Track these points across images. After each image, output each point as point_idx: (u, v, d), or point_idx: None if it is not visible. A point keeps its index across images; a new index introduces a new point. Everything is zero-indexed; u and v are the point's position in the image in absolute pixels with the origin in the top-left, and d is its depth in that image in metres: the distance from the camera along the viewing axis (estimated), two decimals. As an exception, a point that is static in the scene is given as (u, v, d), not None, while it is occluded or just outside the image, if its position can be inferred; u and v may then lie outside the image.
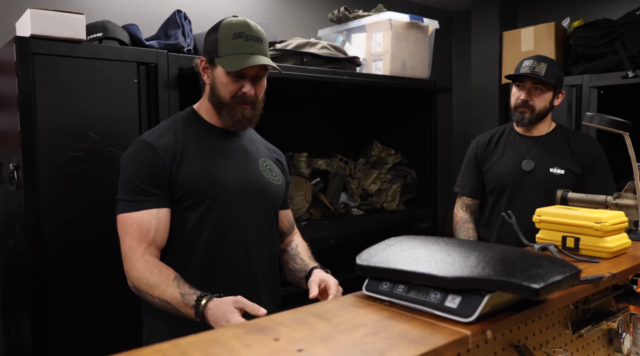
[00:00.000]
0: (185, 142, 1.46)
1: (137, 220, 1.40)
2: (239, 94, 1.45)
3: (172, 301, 1.32)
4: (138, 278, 1.37)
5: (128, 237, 1.40)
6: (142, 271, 1.37)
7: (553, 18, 3.30)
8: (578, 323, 1.20)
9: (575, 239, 1.30)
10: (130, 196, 1.41)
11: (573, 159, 2.16)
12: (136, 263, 1.38)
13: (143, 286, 1.36)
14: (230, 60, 1.41)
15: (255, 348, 0.74)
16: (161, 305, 1.35)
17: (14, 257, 1.96)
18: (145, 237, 1.40)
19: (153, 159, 1.41)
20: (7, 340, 2.22)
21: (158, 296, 1.34)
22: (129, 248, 1.40)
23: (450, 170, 4.11)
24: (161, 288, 1.34)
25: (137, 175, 1.41)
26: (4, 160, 1.94)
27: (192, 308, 1.30)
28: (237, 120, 1.47)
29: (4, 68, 1.92)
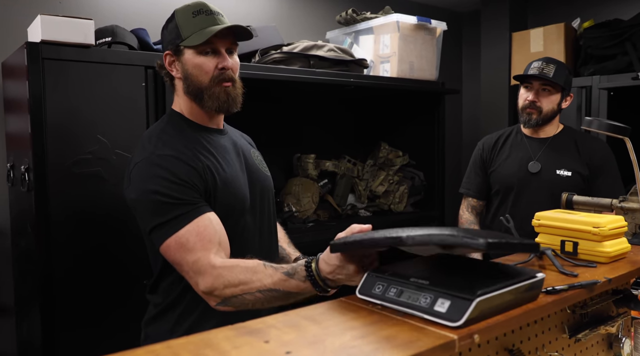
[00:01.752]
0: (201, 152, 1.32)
1: (192, 231, 1.19)
2: (217, 73, 1.33)
3: (277, 287, 1.12)
4: (227, 284, 1.15)
5: (189, 253, 1.18)
6: (227, 275, 1.15)
7: (563, 19, 3.27)
8: (575, 328, 1.21)
9: (573, 243, 1.30)
10: (172, 212, 1.20)
11: (580, 161, 2.15)
12: (216, 271, 1.16)
13: (237, 289, 1.14)
14: (197, 36, 1.30)
15: (245, 350, 0.76)
16: (265, 298, 1.14)
17: (25, 257, 2.01)
18: (210, 243, 1.19)
19: (185, 169, 1.25)
20: (19, 339, 2.27)
21: (258, 289, 1.13)
22: (197, 261, 1.18)
23: (459, 172, 4.10)
24: (257, 278, 1.13)
25: (171, 188, 1.21)
26: (16, 163, 1.99)
27: (305, 279, 1.10)
28: (222, 101, 1.34)
29: (15, 72, 1.97)
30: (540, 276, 0.99)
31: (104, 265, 1.89)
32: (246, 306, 1.17)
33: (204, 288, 1.18)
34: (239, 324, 0.85)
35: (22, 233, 2.04)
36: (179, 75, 1.37)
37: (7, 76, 2.16)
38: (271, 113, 2.78)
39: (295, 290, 1.12)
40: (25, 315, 2.09)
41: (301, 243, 2.44)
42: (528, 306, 0.98)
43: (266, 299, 1.14)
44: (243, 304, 1.16)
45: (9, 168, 2.07)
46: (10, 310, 2.33)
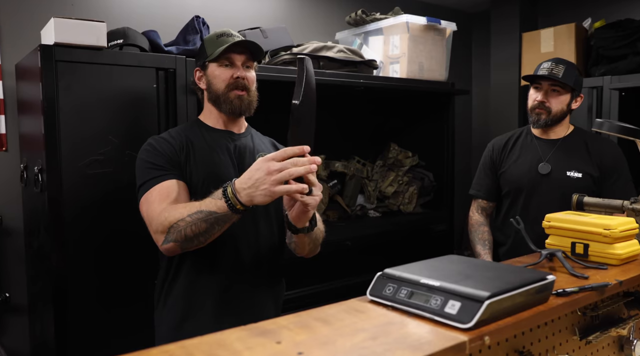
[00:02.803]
0: (191, 142, 1.55)
1: (157, 189, 1.43)
2: (232, 82, 1.56)
3: (202, 207, 1.30)
4: (167, 216, 1.34)
5: (150, 204, 1.41)
6: (168, 208, 1.37)
7: (574, 19, 3.26)
8: (586, 330, 1.20)
9: (584, 245, 1.30)
10: (149, 175, 1.45)
11: (591, 162, 2.14)
12: (162, 211, 1.37)
13: (173, 217, 1.32)
14: (217, 51, 1.56)
15: (258, 351, 0.77)
16: (193, 222, 1.29)
17: (39, 258, 2.03)
18: (166, 198, 1.41)
19: (166, 146, 1.50)
20: (32, 338, 2.30)
21: (188, 213, 1.30)
22: (152, 210, 1.39)
23: (469, 172, 4.09)
24: (188, 208, 1.32)
25: (152, 157, 1.48)
26: (30, 163, 2.01)
27: (221, 198, 1.27)
28: (235, 106, 1.57)
29: (29, 74, 1.99)
30: (550, 279, 1.00)
31: (117, 264, 1.91)
32: (183, 238, 1.31)
33: (155, 228, 1.37)
34: (251, 325, 0.85)
35: (35, 234, 2.06)
36: (204, 86, 1.63)
37: (21, 78, 2.19)
38: (280, 114, 2.79)
39: (214, 208, 1.29)
40: (39, 315, 2.11)
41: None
42: (539, 308, 0.98)
43: (193, 222, 1.30)
44: (179, 233, 1.31)
45: (23, 169, 2.10)
46: (23, 309, 2.36)
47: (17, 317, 2.36)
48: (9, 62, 2.31)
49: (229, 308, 1.51)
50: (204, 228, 1.30)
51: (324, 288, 2.56)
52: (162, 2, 2.71)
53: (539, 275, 0.99)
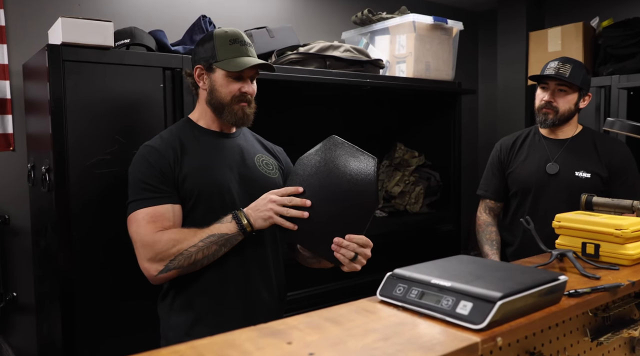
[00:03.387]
0: (183, 145, 1.53)
1: (151, 212, 1.43)
2: (238, 94, 1.54)
3: (214, 231, 1.41)
4: (174, 244, 1.39)
5: (142, 229, 1.42)
6: (173, 235, 1.40)
7: (581, 18, 3.24)
8: (597, 331, 1.19)
9: (595, 246, 1.29)
10: (143, 194, 1.45)
11: (600, 163, 2.12)
12: (162, 237, 1.40)
13: (182, 245, 1.39)
14: (231, 62, 1.51)
15: (268, 351, 0.76)
16: (205, 246, 1.40)
17: (46, 257, 2.04)
18: (161, 226, 1.42)
19: (158, 159, 1.48)
20: (39, 337, 2.30)
21: (200, 239, 1.39)
22: (146, 235, 1.41)
23: (475, 172, 4.07)
24: (198, 234, 1.40)
25: (145, 175, 1.46)
26: (37, 163, 2.02)
27: (231, 220, 1.42)
28: (238, 118, 1.56)
29: (37, 74, 1.99)
30: (562, 279, 0.99)
31: (124, 264, 1.90)
32: (189, 263, 1.39)
33: (146, 256, 1.41)
34: (261, 325, 0.85)
35: (42, 233, 2.07)
36: (205, 87, 1.58)
37: (28, 78, 2.19)
38: (286, 113, 2.79)
39: (225, 230, 1.41)
40: (46, 314, 2.12)
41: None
42: (551, 309, 0.97)
43: (206, 245, 1.40)
44: (187, 258, 1.39)
45: (30, 169, 2.10)
46: (30, 308, 2.36)
47: (24, 316, 2.37)
48: (17, 62, 2.31)
49: (237, 314, 1.51)
50: (213, 250, 1.42)
51: (330, 288, 2.55)
52: (168, 2, 2.71)
53: (551, 276, 0.98)
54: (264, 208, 1.42)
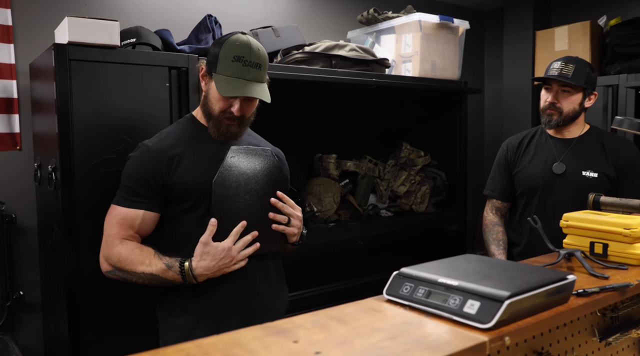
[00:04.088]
0: (183, 146, 1.53)
1: (123, 213, 1.50)
2: (228, 111, 1.51)
3: (158, 273, 1.45)
4: (120, 260, 1.46)
5: (111, 225, 1.50)
6: (125, 253, 1.46)
7: (589, 16, 3.22)
8: (606, 331, 1.18)
9: (603, 245, 1.28)
10: (124, 193, 1.52)
11: (607, 162, 2.11)
12: (117, 247, 1.48)
13: (127, 266, 1.46)
14: (224, 82, 1.47)
15: (274, 350, 0.76)
16: (145, 278, 1.46)
17: (52, 256, 2.04)
18: (126, 229, 1.50)
19: (149, 164, 1.50)
20: (46, 336, 2.31)
21: (142, 271, 1.45)
22: (109, 235, 1.50)
23: (481, 172, 4.06)
24: (145, 263, 1.45)
25: (133, 178, 1.51)
26: (43, 162, 2.02)
27: (178, 274, 1.44)
28: (221, 133, 1.55)
29: (43, 74, 2.00)
30: (571, 279, 0.98)
31: (129, 263, 1.91)
32: (130, 280, 1.48)
33: (104, 256, 1.51)
34: (267, 324, 0.85)
35: (48, 232, 2.07)
36: (204, 89, 1.58)
37: (35, 77, 2.20)
38: (292, 113, 2.78)
39: (168, 277, 1.45)
40: (52, 312, 2.12)
41: (322, 244, 2.45)
42: (559, 308, 0.97)
43: (147, 279, 1.46)
44: (128, 278, 1.48)
45: (36, 168, 2.11)
46: (37, 307, 2.37)
47: (31, 315, 2.37)
48: (23, 61, 2.32)
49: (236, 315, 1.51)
50: (151, 284, 1.48)
51: (336, 287, 2.54)
52: (174, 1, 2.71)
53: (559, 275, 0.97)
54: (220, 265, 1.45)
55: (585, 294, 1.01)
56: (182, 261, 1.45)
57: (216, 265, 1.44)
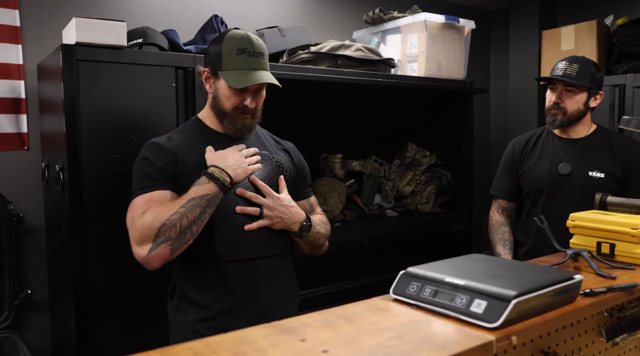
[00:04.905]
0: (190, 149, 1.52)
1: (148, 197, 1.42)
2: (241, 106, 1.52)
3: (193, 194, 1.38)
4: (156, 217, 1.36)
5: (132, 213, 1.42)
6: (151, 211, 1.38)
7: (595, 16, 3.20)
8: (613, 331, 1.18)
9: (610, 245, 1.27)
10: (143, 183, 1.45)
11: (614, 162, 2.10)
12: (141, 217, 1.38)
13: (163, 216, 1.35)
14: (234, 76, 1.47)
15: (282, 348, 0.76)
16: (187, 211, 1.36)
17: (60, 255, 2.05)
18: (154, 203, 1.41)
19: (161, 156, 1.48)
20: (53, 335, 2.32)
21: (180, 205, 1.37)
22: (134, 218, 1.40)
23: (487, 172, 4.05)
24: (177, 202, 1.38)
25: (147, 167, 1.47)
26: (51, 162, 2.04)
27: (209, 181, 1.40)
28: (237, 129, 1.54)
29: (51, 74, 2.01)
30: (578, 278, 0.98)
31: (137, 262, 1.91)
32: (176, 234, 1.35)
33: (135, 240, 1.39)
34: (274, 322, 0.85)
35: (56, 231, 2.09)
36: (211, 91, 1.56)
37: (43, 78, 2.21)
38: (298, 113, 2.79)
39: (205, 192, 1.39)
40: (60, 311, 2.14)
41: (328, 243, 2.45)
42: (566, 308, 0.96)
43: (188, 210, 1.36)
44: (173, 228, 1.35)
45: (44, 168, 2.12)
46: (44, 306, 2.39)
47: (39, 313, 2.39)
48: (31, 62, 2.33)
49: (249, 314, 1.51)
50: (198, 214, 1.38)
51: (342, 287, 2.55)
52: (181, 2, 2.72)
53: (566, 275, 0.97)
54: (234, 161, 1.45)
55: (592, 294, 1.01)
56: (203, 171, 1.43)
57: (231, 160, 1.45)
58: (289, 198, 1.57)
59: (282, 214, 1.52)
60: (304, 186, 1.73)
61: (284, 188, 1.58)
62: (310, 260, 1.72)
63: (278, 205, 1.51)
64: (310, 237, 1.60)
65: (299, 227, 1.56)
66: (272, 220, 1.51)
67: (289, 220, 1.53)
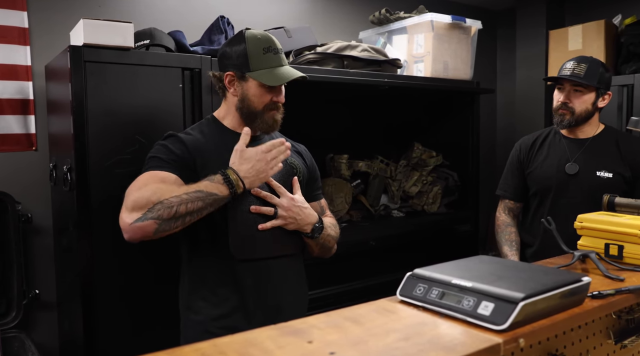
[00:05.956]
0: (209, 147, 1.53)
1: (153, 173, 1.42)
2: (271, 103, 1.55)
3: (202, 188, 1.36)
4: (155, 192, 1.33)
5: (134, 184, 1.41)
6: (159, 185, 1.36)
7: (603, 15, 3.19)
8: (621, 334, 1.17)
9: (618, 247, 1.27)
10: (152, 163, 1.46)
11: (622, 162, 2.09)
12: (147, 187, 1.36)
13: (165, 194, 1.32)
14: (267, 74, 1.51)
15: (289, 350, 0.76)
16: (189, 199, 1.33)
17: (67, 255, 2.07)
18: (157, 182, 1.39)
19: (179, 146, 1.48)
20: (61, 334, 2.34)
21: (185, 191, 1.34)
22: (133, 186, 1.40)
23: (494, 172, 4.04)
24: (183, 187, 1.36)
25: (162, 152, 1.47)
26: (59, 163, 2.05)
27: (223, 182, 1.38)
28: (270, 125, 1.57)
29: (59, 75, 2.02)
30: (586, 280, 0.97)
31: (144, 262, 1.92)
32: (168, 215, 1.31)
33: (126, 205, 1.35)
34: (281, 324, 0.85)
35: (64, 232, 2.10)
36: (236, 94, 1.57)
37: (51, 79, 2.23)
38: (304, 113, 2.79)
39: (215, 191, 1.36)
40: (67, 311, 2.15)
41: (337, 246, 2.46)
42: (574, 310, 0.96)
43: (190, 199, 1.33)
44: (168, 209, 1.31)
45: (52, 168, 2.14)
46: (52, 305, 2.40)
47: (46, 313, 2.40)
48: (39, 63, 2.35)
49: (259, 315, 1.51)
50: (198, 207, 1.35)
51: (348, 287, 2.55)
52: (187, 3, 2.73)
53: (574, 277, 0.96)
54: (263, 171, 1.42)
55: (600, 296, 1.01)
56: (222, 170, 1.40)
57: (254, 167, 1.41)
58: (303, 199, 1.58)
59: (295, 215, 1.52)
60: (315, 188, 1.74)
61: (297, 189, 1.58)
62: (316, 260, 1.73)
63: (292, 205, 1.52)
64: (321, 239, 1.60)
65: (311, 228, 1.56)
66: (285, 220, 1.51)
67: (302, 221, 1.54)
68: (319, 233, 1.58)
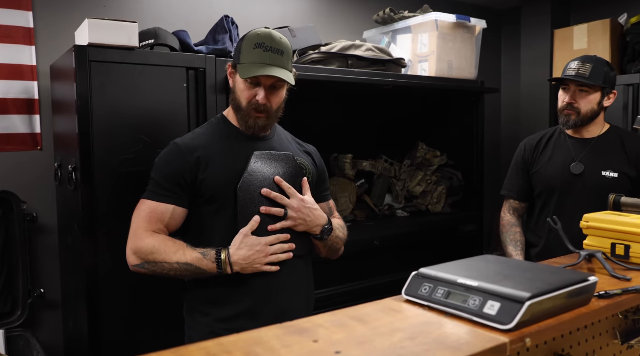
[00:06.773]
0: (214, 146, 1.53)
1: (153, 207, 1.48)
2: (254, 102, 1.51)
3: (193, 262, 1.43)
4: (153, 251, 1.44)
5: (140, 219, 1.49)
6: (157, 245, 1.45)
7: (609, 14, 3.17)
8: (627, 334, 1.17)
9: (625, 247, 1.26)
10: (154, 188, 1.51)
11: (628, 162, 2.08)
12: (147, 239, 1.46)
13: (160, 256, 1.43)
14: (246, 68, 1.48)
15: (295, 349, 0.76)
16: (178, 269, 1.43)
17: (72, 254, 2.07)
18: (156, 223, 1.48)
19: (179, 161, 1.50)
20: (66, 333, 2.34)
21: (177, 261, 1.43)
22: (139, 228, 1.48)
23: (498, 172, 4.03)
24: (179, 254, 1.43)
25: (163, 174, 1.51)
26: (64, 162, 2.05)
27: (214, 261, 1.43)
28: (249, 126, 1.54)
29: (64, 75, 2.03)
30: (593, 280, 0.97)
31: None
32: (161, 272, 1.45)
33: (132, 248, 1.47)
34: (287, 323, 0.85)
35: (69, 231, 2.10)
36: (232, 86, 1.58)
37: (56, 79, 2.23)
38: (308, 113, 2.79)
39: (204, 268, 1.43)
40: (72, 310, 2.15)
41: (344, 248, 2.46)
42: (580, 310, 0.96)
43: (179, 270, 1.44)
44: (158, 270, 1.45)
45: (57, 168, 2.14)
46: (57, 304, 2.41)
47: (52, 312, 2.41)
48: (44, 63, 2.36)
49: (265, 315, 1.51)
50: (184, 276, 1.47)
51: (352, 287, 2.55)
52: (192, 3, 2.73)
53: (580, 277, 0.96)
54: (255, 257, 1.44)
55: (607, 296, 1.00)
56: (219, 249, 1.44)
57: (251, 256, 1.43)
58: (313, 200, 1.57)
59: (305, 216, 1.52)
60: (323, 189, 1.74)
61: (307, 190, 1.57)
62: (322, 260, 1.72)
63: (302, 207, 1.52)
64: (330, 241, 1.60)
65: (320, 230, 1.56)
66: (295, 221, 1.51)
67: (311, 222, 1.53)
68: (328, 235, 1.58)
